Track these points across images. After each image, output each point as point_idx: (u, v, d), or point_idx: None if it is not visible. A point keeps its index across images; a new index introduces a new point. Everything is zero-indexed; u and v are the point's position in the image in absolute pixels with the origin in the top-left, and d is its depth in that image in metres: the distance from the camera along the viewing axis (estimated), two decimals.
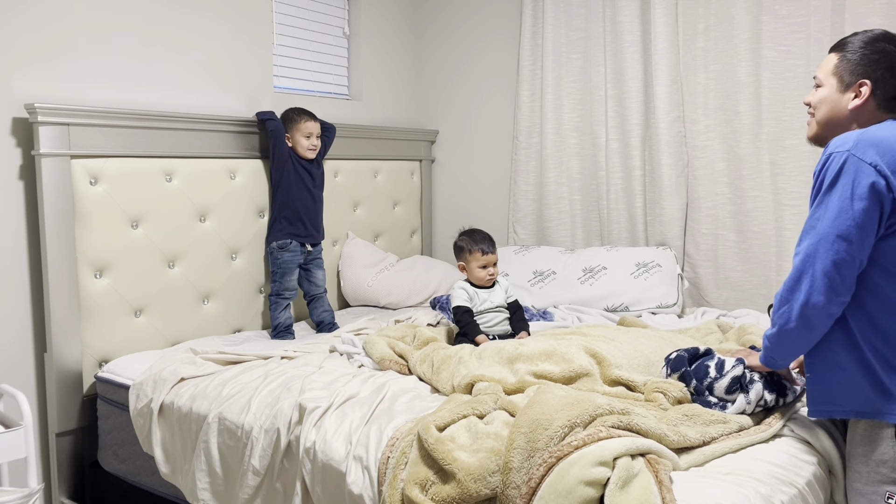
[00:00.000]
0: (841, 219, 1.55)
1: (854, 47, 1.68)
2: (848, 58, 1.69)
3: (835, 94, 1.71)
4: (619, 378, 2.05)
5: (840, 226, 1.55)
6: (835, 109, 1.71)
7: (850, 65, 1.68)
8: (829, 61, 1.73)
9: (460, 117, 4.06)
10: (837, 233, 1.55)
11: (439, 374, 2.22)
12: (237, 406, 2.18)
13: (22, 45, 2.50)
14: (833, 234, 1.56)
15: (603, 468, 1.52)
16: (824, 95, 1.73)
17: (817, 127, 1.76)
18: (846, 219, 1.55)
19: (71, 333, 2.58)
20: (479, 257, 2.62)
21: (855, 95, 1.68)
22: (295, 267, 3.08)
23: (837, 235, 1.55)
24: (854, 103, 1.68)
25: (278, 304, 3.04)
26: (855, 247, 1.55)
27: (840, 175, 1.56)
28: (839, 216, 1.55)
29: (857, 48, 1.68)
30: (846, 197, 1.55)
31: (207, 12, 3.04)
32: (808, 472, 1.71)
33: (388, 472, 1.76)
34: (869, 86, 1.66)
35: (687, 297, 3.40)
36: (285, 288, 3.05)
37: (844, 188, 1.55)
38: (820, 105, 1.74)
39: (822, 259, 1.57)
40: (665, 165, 3.34)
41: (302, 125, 3.04)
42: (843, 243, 1.55)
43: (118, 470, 2.59)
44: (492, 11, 3.89)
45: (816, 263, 1.57)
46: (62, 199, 2.52)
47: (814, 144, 1.79)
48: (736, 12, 3.15)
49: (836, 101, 1.70)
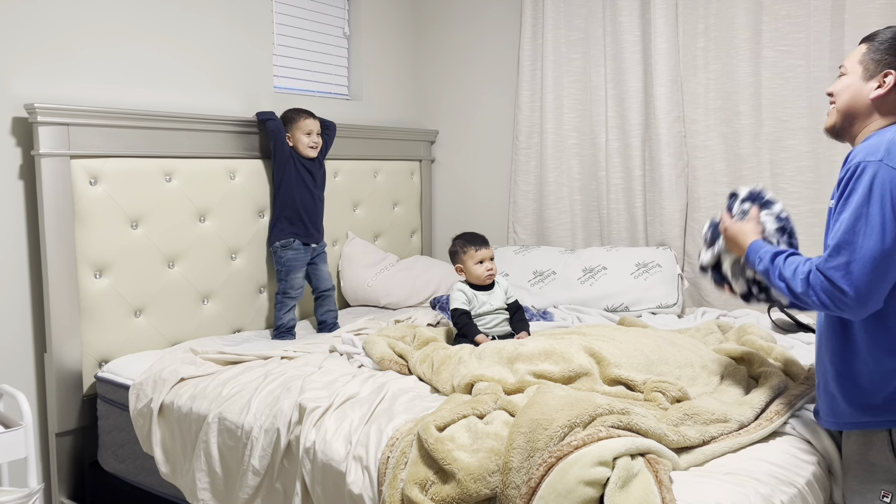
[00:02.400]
0: (886, 233, 1.49)
1: (884, 38, 1.65)
2: (876, 47, 1.65)
3: (858, 81, 1.66)
4: (618, 377, 2.05)
5: (886, 240, 1.49)
6: (856, 97, 1.66)
7: (876, 54, 1.64)
8: (858, 51, 1.69)
9: (460, 117, 4.06)
10: (884, 248, 1.49)
11: (439, 374, 2.22)
12: (237, 406, 2.18)
13: (22, 46, 2.51)
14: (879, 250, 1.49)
15: (603, 468, 1.52)
16: (847, 83, 1.68)
17: (836, 115, 1.71)
18: (890, 231, 1.49)
19: (71, 333, 2.58)
20: (473, 254, 2.62)
21: (878, 85, 1.63)
22: (300, 265, 3.08)
23: (883, 251, 1.49)
24: (877, 92, 1.64)
25: (284, 303, 3.04)
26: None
27: (873, 187, 1.50)
28: (884, 231, 1.49)
29: (886, 38, 1.64)
30: (888, 210, 1.48)
31: (207, 12, 3.04)
32: (808, 472, 1.71)
33: (388, 472, 1.76)
34: (894, 75, 1.62)
35: (687, 297, 3.40)
36: (290, 286, 3.05)
37: (884, 201, 1.49)
38: (842, 93, 1.69)
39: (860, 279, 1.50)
40: (665, 165, 3.34)
41: (302, 123, 3.04)
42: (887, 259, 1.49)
43: (118, 470, 2.59)
44: (492, 11, 3.89)
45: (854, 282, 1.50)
46: (62, 199, 2.52)
47: (830, 136, 1.74)
48: (736, 12, 3.15)
49: (859, 89, 1.66)
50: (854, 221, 1.51)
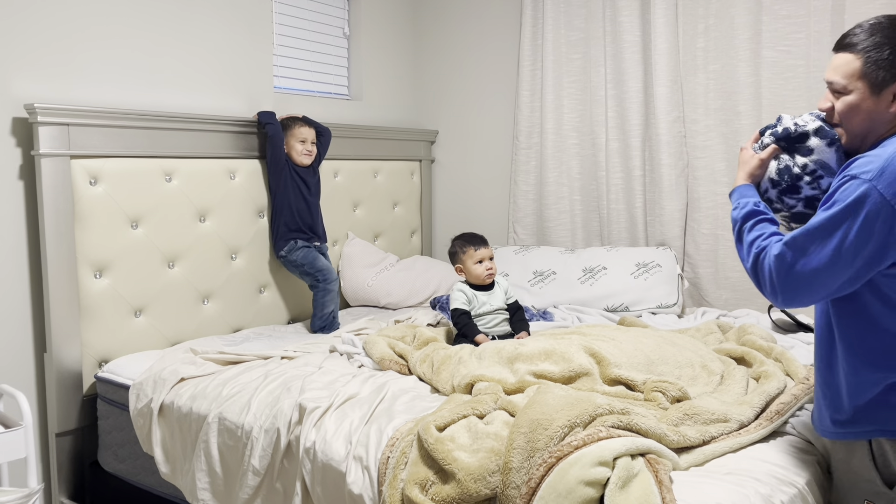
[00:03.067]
0: (834, 266, 1.42)
1: (873, 43, 1.50)
2: (874, 58, 1.50)
3: (867, 99, 1.52)
4: (618, 377, 2.05)
5: (830, 269, 1.43)
6: (873, 114, 1.53)
7: (878, 64, 1.49)
8: (849, 64, 1.53)
9: (460, 117, 4.06)
10: (832, 268, 1.43)
11: (439, 374, 2.22)
12: (237, 406, 2.18)
13: (22, 46, 2.50)
14: (825, 267, 1.43)
15: (603, 468, 1.52)
16: (854, 102, 1.54)
17: (851, 137, 1.58)
18: (839, 268, 1.42)
19: (71, 333, 2.58)
20: (472, 254, 2.63)
21: (894, 97, 1.51)
22: (316, 254, 3.09)
23: (831, 270, 1.43)
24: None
25: (325, 290, 3.04)
26: (836, 284, 1.45)
27: (852, 207, 1.40)
28: (833, 263, 1.42)
29: (877, 44, 1.49)
30: (849, 247, 1.40)
31: (207, 12, 3.04)
32: (808, 472, 1.71)
33: (388, 472, 1.76)
34: None
35: (687, 297, 3.40)
36: (321, 269, 3.06)
37: (853, 225, 1.39)
38: (850, 115, 1.56)
39: (793, 284, 1.48)
40: (665, 165, 3.34)
41: (296, 130, 3.06)
42: (824, 279, 1.44)
43: (118, 470, 2.59)
44: (492, 12, 3.89)
45: (787, 284, 1.48)
46: (62, 199, 2.52)
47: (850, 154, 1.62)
48: (736, 12, 3.15)
49: (872, 107, 1.53)
50: (820, 230, 1.44)
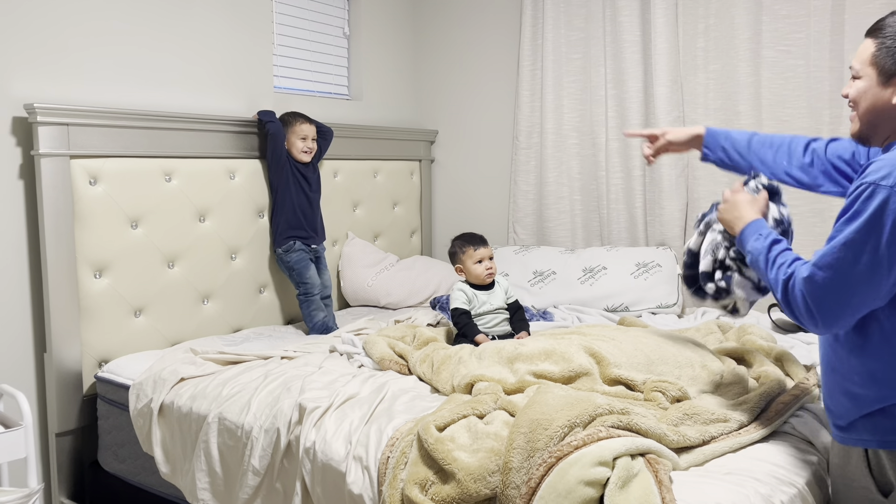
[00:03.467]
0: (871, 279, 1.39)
1: (893, 31, 1.48)
2: (887, 45, 1.47)
3: (874, 87, 1.50)
4: (618, 377, 2.05)
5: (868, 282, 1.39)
6: (877, 105, 1.51)
7: (889, 52, 1.47)
8: (866, 49, 1.52)
9: (460, 117, 4.06)
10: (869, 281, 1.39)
11: (439, 374, 2.22)
12: (237, 406, 2.18)
13: (22, 46, 2.50)
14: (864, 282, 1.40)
15: (603, 468, 1.52)
16: (863, 88, 1.52)
17: (859, 123, 1.56)
18: (876, 280, 1.39)
19: (71, 333, 2.58)
20: (472, 253, 2.63)
21: None
22: (308, 263, 3.09)
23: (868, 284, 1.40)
24: None
25: (309, 302, 3.04)
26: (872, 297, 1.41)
27: (878, 215, 1.37)
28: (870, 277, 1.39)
29: (894, 32, 1.48)
30: (882, 256, 1.37)
31: (207, 12, 3.04)
32: (808, 472, 1.71)
33: (388, 472, 1.76)
34: None
35: (687, 297, 3.39)
36: (307, 282, 3.05)
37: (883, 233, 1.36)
38: (860, 100, 1.54)
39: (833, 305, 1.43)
40: (665, 165, 3.34)
41: (297, 127, 3.05)
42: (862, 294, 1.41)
43: (118, 470, 2.59)
44: (492, 11, 3.89)
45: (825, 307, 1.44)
46: (62, 199, 2.52)
47: (859, 143, 1.61)
48: (736, 12, 3.15)
49: (877, 95, 1.50)
50: (848, 245, 1.40)
